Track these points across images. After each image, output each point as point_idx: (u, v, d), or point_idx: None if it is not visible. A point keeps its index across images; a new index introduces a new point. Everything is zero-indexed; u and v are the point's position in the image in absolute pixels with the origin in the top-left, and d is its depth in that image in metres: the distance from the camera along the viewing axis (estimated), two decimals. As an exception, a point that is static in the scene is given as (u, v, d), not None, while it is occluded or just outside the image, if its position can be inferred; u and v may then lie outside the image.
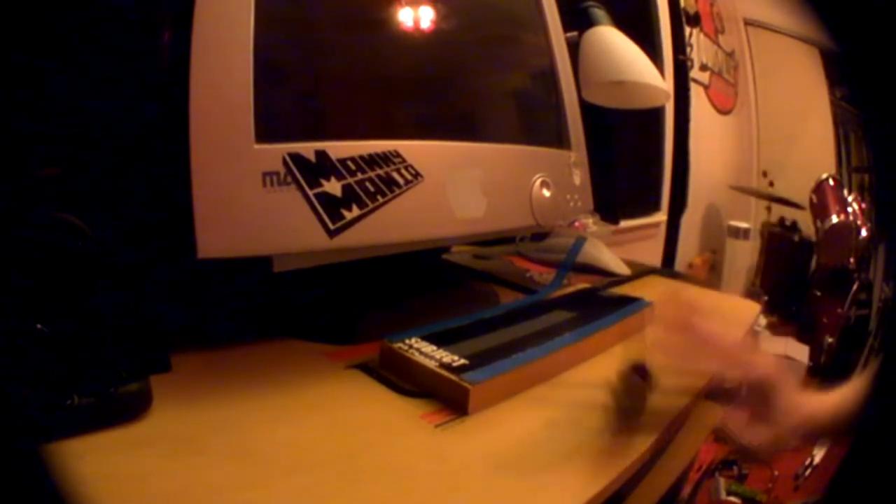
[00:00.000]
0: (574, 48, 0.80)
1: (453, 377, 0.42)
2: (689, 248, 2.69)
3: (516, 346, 0.48)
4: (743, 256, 2.98)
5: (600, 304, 0.64)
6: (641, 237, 2.15)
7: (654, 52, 2.01)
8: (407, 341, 0.47)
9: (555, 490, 0.33)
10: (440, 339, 0.48)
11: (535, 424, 0.41)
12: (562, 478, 0.35)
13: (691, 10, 2.31)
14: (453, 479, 0.34)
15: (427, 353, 0.45)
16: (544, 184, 0.63)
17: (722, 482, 1.66)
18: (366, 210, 0.45)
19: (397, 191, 0.48)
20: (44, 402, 0.33)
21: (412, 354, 0.45)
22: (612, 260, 0.88)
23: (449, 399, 0.42)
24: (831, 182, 2.75)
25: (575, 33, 0.82)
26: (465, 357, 0.44)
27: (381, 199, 0.46)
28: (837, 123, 3.09)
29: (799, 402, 0.43)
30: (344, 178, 0.45)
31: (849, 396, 0.45)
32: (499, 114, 0.66)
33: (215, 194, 0.39)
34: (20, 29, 0.40)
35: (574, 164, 0.70)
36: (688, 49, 2.28)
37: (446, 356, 0.45)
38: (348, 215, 0.44)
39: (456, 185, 0.53)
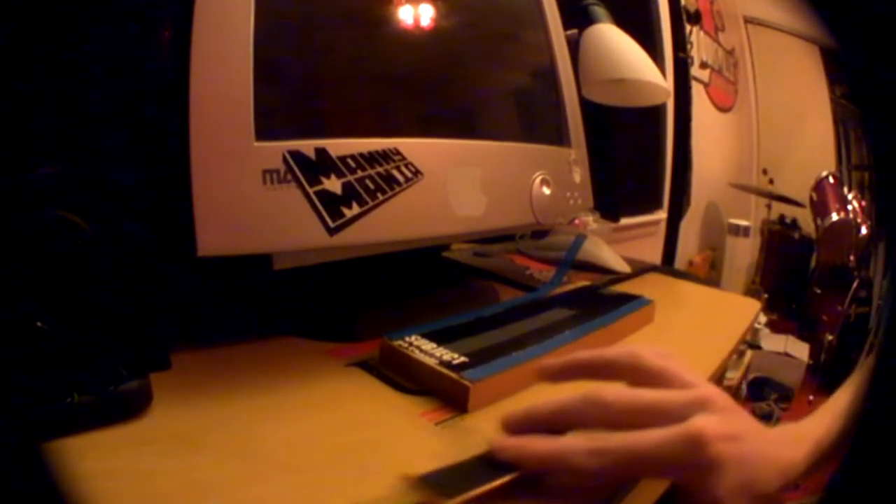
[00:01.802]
0: (574, 46, 0.80)
1: (453, 375, 0.42)
2: (689, 246, 2.69)
3: (516, 343, 0.48)
4: (743, 254, 2.98)
5: (600, 301, 0.64)
6: (642, 235, 2.15)
7: (654, 49, 2.00)
8: (407, 339, 0.47)
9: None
10: (440, 337, 0.48)
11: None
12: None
13: (691, 8, 2.31)
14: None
15: (427, 351, 0.45)
16: (544, 181, 0.63)
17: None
18: (366, 208, 0.45)
19: (397, 188, 0.48)
20: (43, 400, 0.33)
21: (412, 352, 0.45)
22: (611, 257, 0.88)
23: (449, 397, 0.42)
24: (831, 180, 2.76)
25: (575, 31, 0.82)
26: (465, 355, 0.44)
27: (381, 197, 0.46)
28: (837, 121, 3.09)
29: (764, 461, 0.30)
30: (344, 175, 0.44)
31: (836, 414, 0.35)
32: (499, 111, 0.66)
33: (215, 192, 0.39)
34: (19, 28, 0.40)
35: (574, 161, 0.70)
36: (688, 47, 2.28)
37: (446, 354, 0.45)
38: (348, 213, 0.44)
39: (456, 183, 0.53)
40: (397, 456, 0.36)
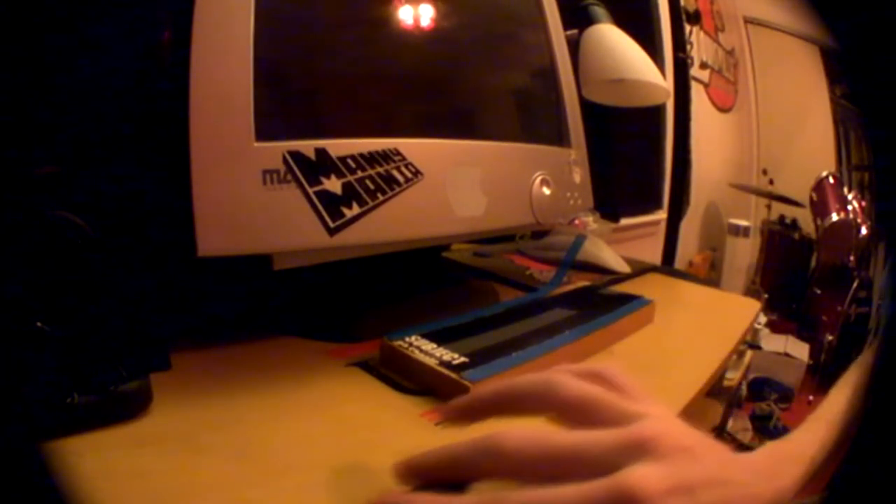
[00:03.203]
0: (574, 46, 0.80)
1: (453, 375, 0.42)
2: (689, 246, 2.69)
3: (516, 344, 0.48)
4: (743, 254, 2.98)
5: (600, 302, 0.64)
6: (642, 235, 2.15)
7: (654, 50, 2.00)
8: (407, 339, 0.47)
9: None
10: (440, 337, 0.48)
11: (533, 424, 0.41)
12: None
13: (691, 8, 2.31)
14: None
15: (427, 351, 0.45)
16: (544, 182, 0.63)
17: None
18: (366, 208, 0.45)
19: (397, 189, 0.48)
20: (44, 400, 0.33)
21: (412, 352, 0.45)
22: (611, 258, 0.88)
23: (449, 397, 0.41)
24: (831, 180, 2.76)
25: (575, 31, 0.82)
26: (465, 355, 0.44)
27: (381, 197, 0.46)
28: (837, 121, 3.09)
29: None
30: (344, 175, 0.44)
31: (831, 422, 0.29)
32: (499, 112, 0.66)
33: (215, 192, 0.39)
34: (19, 28, 0.40)
35: (574, 161, 0.70)
36: (688, 47, 2.28)
37: (446, 354, 0.45)
38: (348, 213, 0.44)
39: (456, 183, 0.53)
40: (397, 456, 0.35)
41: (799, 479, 0.26)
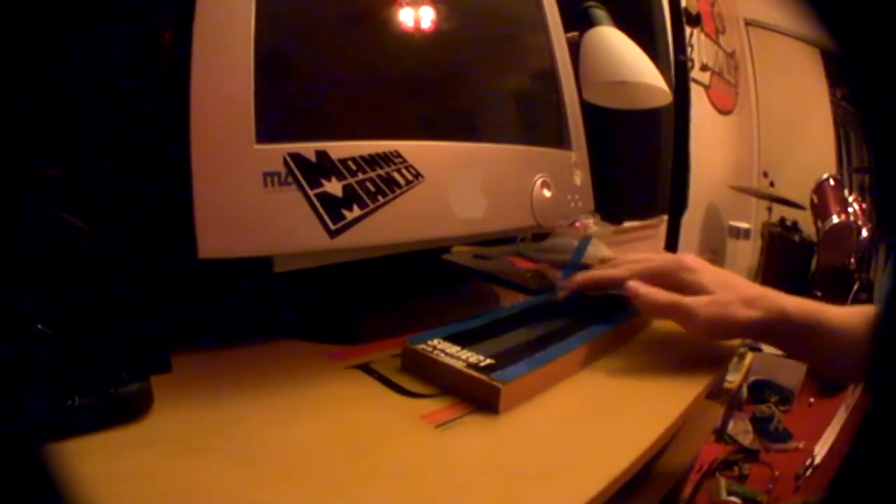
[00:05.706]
0: (575, 48, 0.80)
1: (483, 377, 0.41)
2: (689, 248, 2.69)
3: (537, 344, 0.48)
4: (743, 256, 2.98)
5: (609, 301, 0.64)
6: (642, 237, 2.15)
7: (655, 52, 2.00)
8: (430, 342, 0.47)
9: (552, 490, 0.33)
10: (462, 340, 0.47)
11: (536, 424, 0.41)
12: (559, 479, 0.35)
13: (692, 11, 2.31)
14: (453, 478, 0.34)
15: (452, 354, 0.45)
16: (545, 184, 0.63)
17: (723, 482, 1.66)
18: (366, 210, 0.45)
19: (398, 191, 0.48)
20: (45, 402, 0.33)
21: (437, 356, 0.45)
22: (612, 260, 0.88)
23: (477, 399, 0.41)
24: (832, 182, 2.76)
25: (576, 33, 0.82)
26: (491, 357, 0.44)
27: (381, 200, 0.46)
28: (838, 124, 3.09)
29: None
30: (345, 178, 0.45)
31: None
32: (499, 114, 0.66)
33: (216, 194, 0.39)
34: (20, 28, 0.40)
35: (575, 164, 0.70)
36: (688, 49, 2.28)
37: (472, 356, 0.44)
38: (349, 215, 0.44)
39: (456, 186, 0.53)
40: (397, 458, 0.36)
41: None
